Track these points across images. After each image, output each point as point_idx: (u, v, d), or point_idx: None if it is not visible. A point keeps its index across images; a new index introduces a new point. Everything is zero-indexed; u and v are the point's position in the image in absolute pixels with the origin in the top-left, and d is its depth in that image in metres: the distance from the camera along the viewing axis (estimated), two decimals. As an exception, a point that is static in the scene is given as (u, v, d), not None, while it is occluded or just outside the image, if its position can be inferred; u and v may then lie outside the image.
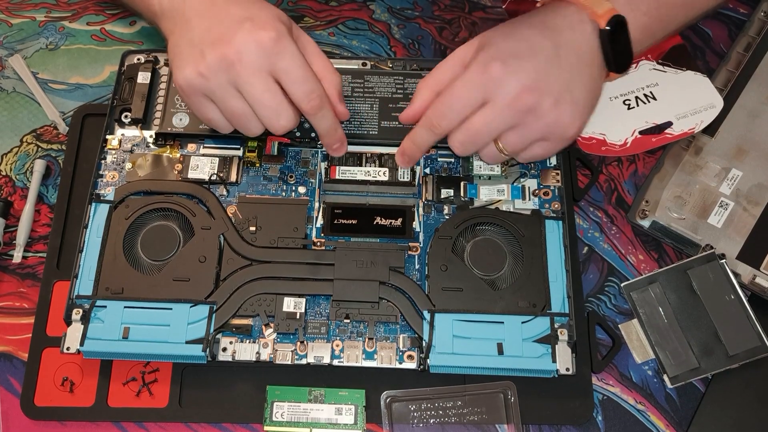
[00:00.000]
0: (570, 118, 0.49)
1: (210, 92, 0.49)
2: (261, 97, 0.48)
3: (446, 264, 0.53)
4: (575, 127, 0.50)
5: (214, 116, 0.51)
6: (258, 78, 0.48)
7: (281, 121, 0.50)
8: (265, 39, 0.47)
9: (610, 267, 0.58)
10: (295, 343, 0.52)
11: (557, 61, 0.49)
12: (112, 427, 0.52)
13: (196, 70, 0.48)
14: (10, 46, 0.66)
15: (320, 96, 0.50)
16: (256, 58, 0.47)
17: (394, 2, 0.69)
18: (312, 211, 0.56)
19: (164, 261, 0.53)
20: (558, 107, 0.49)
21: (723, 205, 0.57)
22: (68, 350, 0.50)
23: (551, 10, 0.52)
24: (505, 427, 0.52)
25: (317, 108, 0.50)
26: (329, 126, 0.53)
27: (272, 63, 0.48)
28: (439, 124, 0.51)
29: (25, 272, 0.57)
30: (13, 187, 0.60)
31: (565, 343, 0.51)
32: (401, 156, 0.55)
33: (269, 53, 0.47)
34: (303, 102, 0.49)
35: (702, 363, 0.52)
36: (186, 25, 0.50)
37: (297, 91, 0.49)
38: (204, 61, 0.48)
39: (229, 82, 0.48)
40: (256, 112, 0.50)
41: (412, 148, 0.54)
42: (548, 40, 0.50)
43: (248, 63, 0.47)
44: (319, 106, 0.50)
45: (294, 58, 0.48)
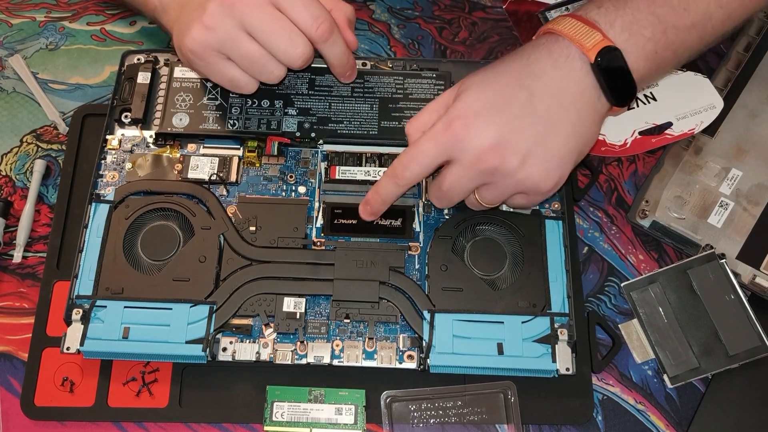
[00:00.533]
0: (541, 175, 0.47)
1: (220, 44, 0.48)
2: (270, 28, 0.47)
3: (446, 264, 0.53)
4: (549, 182, 0.47)
5: (233, 73, 0.49)
6: (261, 10, 0.47)
7: (298, 49, 0.48)
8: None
9: (610, 267, 0.58)
10: (295, 343, 0.52)
11: (530, 113, 0.46)
12: (112, 427, 0.52)
13: (202, 26, 0.47)
14: (10, 46, 0.66)
15: (328, 20, 0.48)
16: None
17: (394, 2, 0.69)
18: (312, 211, 0.56)
19: (164, 261, 0.53)
20: (526, 165, 0.46)
21: (723, 205, 0.57)
22: (68, 350, 0.50)
23: (538, 46, 0.48)
24: (505, 427, 0.52)
25: (327, 33, 0.48)
26: (340, 53, 0.51)
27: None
28: (402, 175, 0.49)
29: (25, 272, 0.57)
30: (13, 187, 0.60)
31: (565, 343, 0.51)
32: (364, 206, 0.52)
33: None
34: (311, 28, 0.48)
35: (702, 363, 0.52)
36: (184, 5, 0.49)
37: (303, 17, 0.48)
38: (206, 13, 0.47)
39: (236, 26, 0.47)
40: (270, 49, 0.48)
41: (376, 199, 0.51)
42: (524, 90, 0.47)
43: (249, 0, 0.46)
44: (329, 30, 0.48)
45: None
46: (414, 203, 0.56)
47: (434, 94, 0.59)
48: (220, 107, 0.58)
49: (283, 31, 0.47)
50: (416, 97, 0.59)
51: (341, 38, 0.50)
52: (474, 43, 0.67)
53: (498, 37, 0.67)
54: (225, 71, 0.50)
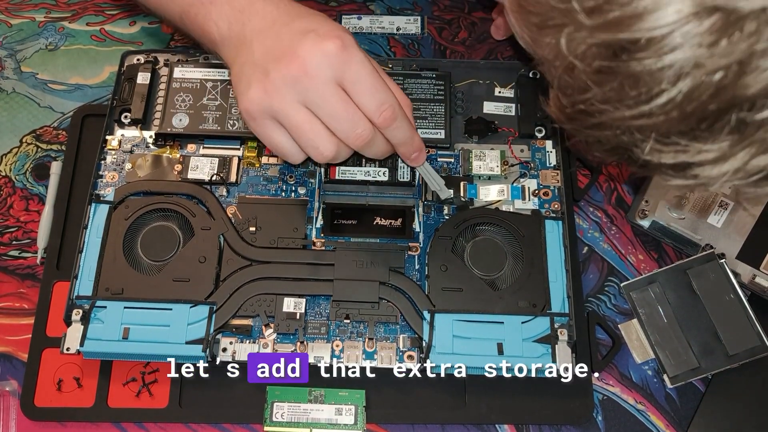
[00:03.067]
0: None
1: (276, 112, 0.46)
2: (332, 110, 0.45)
3: (446, 264, 0.53)
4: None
5: (282, 141, 0.48)
6: (326, 89, 0.45)
7: (357, 130, 0.46)
8: (330, 48, 0.44)
9: (610, 267, 0.58)
10: (295, 344, 0.52)
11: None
12: (112, 428, 0.52)
13: (262, 89, 0.45)
14: (10, 47, 0.66)
15: (393, 106, 0.47)
16: (323, 68, 0.44)
17: (393, 2, 0.69)
18: (312, 212, 0.56)
19: (164, 261, 0.53)
20: None
21: (723, 204, 0.57)
22: (68, 351, 0.50)
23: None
24: (505, 427, 0.52)
25: (390, 119, 0.47)
26: (405, 136, 0.49)
27: (340, 72, 0.45)
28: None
29: (25, 273, 0.57)
30: (12, 187, 0.60)
31: (565, 343, 0.51)
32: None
33: (336, 62, 0.44)
34: (375, 113, 0.46)
35: (702, 363, 0.52)
36: (248, 49, 0.47)
37: (368, 102, 0.46)
38: (268, 78, 0.45)
39: (296, 99, 0.45)
40: (328, 126, 0.46)
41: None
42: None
43: (315, 75, 0.44)
44: (393, 116, 0.47)
45: (363, 65, 0.45)
46: (414, 203, 0.56)
47: (434, 94, 0.59)
48: (220, 107, 0.58)
49: (346, 114, 0.46)
50: (416, 97, 0.59)
51: (406, 121, 0.48)
52: (474, 44, 0.67)
53: (498, 37, 0.67)
54: (275, 137, 0.48)
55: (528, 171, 0.57)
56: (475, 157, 0.57)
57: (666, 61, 0.30)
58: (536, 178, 0.57)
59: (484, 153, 0.57)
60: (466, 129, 0.59)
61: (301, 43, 0.45)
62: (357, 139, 0.47)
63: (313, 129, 0.46)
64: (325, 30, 0.45)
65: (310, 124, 0.46)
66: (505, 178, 0.57)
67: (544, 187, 0.56)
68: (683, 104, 0.31)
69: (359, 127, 0.46)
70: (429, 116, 0.58)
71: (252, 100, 0.46)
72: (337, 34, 0.45)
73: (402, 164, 0.56)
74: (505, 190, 0.56)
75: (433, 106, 0.59)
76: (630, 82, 0.32)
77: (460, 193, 0.56)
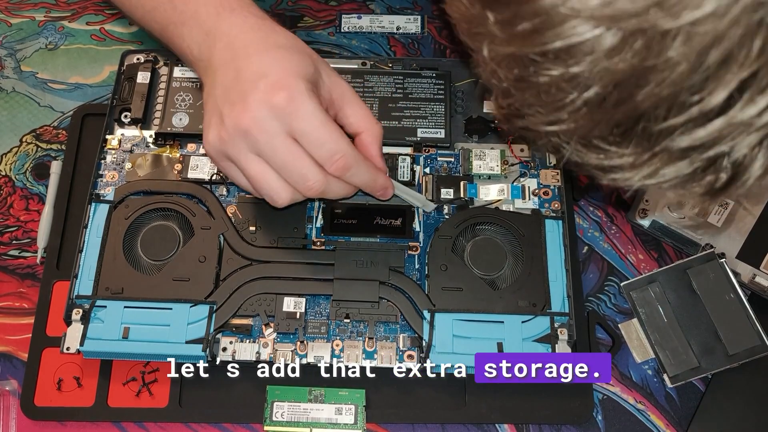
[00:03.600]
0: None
1: (231, 158, 0.47)
2: (282, 161, 0.45)
3: (446, 264, 0.53)
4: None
5: (243, 181, 0.48)
6: (276, 141, 0.45)
7: (308, 182, 0.46)
8: (278, 101, 0.44)
9: (610, 266, 0.58)
10: (295, 343, 0.52)
11: None
12: (112, 427, 0.52)
13: (218, 136, 0.46)
14: (10, 46, 0.66)
15: (345, 155, 0.46)
16: (271, 122, 0.44)
17: (393, 1, 0.69)
18: (312, 211, 0.56)
19: (164, 261, 0.53)
20: None
21: (723, 204, 0.57)
22: (68, 350, 0.50)
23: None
24: (505, 427, 0.52)
25: (343, 168, 0.46)
26: (366, 180, 0.49)
27: (288, 125, 0.45)
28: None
29: (24, 272, 0.57)
30: (12, 187, 0.60)
31: (565, 342, 0.51)
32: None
33: (283, 115, 0.44)
34: (327, 164, 0.46)
35: (702, 362, 0.52)
36: (212, 79, 0.47)
37: (318, 154, 0.46)
38: (223, 126, 0.46)
39: (248, 149, 0.46)
40: (281, 175, 0.46)
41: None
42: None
43: (264, 129, 0.45)
44: (346, 166, 0.46)
45: (310, 118, 0.45)
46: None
47: (434, 94, 0.59)
48: (219, 107, 0.58)
49: (294, 166, 0.46)
50: (416, 97, 0.59)
51: (364, 167, 0.48)
52: (474, 43, 0.66)
53: (498, 36, 0.67)
54: (236, 177, 0.48)
55: (528, 170, 0.57)
56: (475, 157, 0.57)
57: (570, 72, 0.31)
58: (536, 177, 0.57)
59: (484, 152, 0.57)
60: (466, 128, 0.59)
61: (252, 92, 0.45)
62: (308, 190, 0.47)
63: (266, 179, 0.46)
64: (276, 77, 0.45)
65: (263, 174, 0.46)
66: (505, 177, 0.57)
67: (544, 187, 0.56)
68: (591, 113, 0.33)
69: (309, 179, 0.46)
70: (429, 116, 0.58)
71: (210, 144, 0.47)
72: (288, 81, 0.45)
73: (402, 164, 0.56)
74: (505, 189, 0.56)
75: (433, 105, 0.59)
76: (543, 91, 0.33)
77: (460, 192, 0.56)
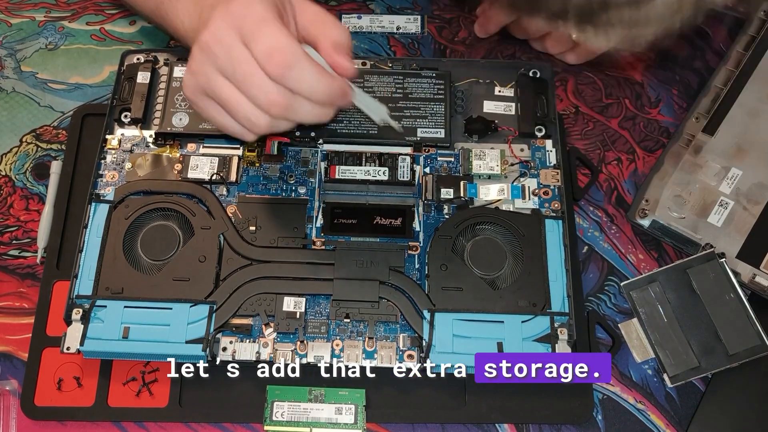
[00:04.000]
0: None
1: (204, 88, 0.46)
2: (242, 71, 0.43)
3: (446, 264, 0.53)
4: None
5: (223, 118, 0.47)
6: (234, 53, 0.43)
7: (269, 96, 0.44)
8: (233, 8, 0.44)
9: (610, 266, 0.58)
10: (295, 343, 0.52)
11: None
12: (112, 427, 0.52)
13: (190, 70, 0.46)
14: (10, 46, 0.66)
15: (282, 50, 0.43)
16: (227, 32, 0.44)
17: (393, 1, 0.69)
18: (312, 211, 0.56)
19: (164, 261, 0.53)
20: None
21: (723, 204, 0.57)
22: (68, 350, 0.50)
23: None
24: (505, 427, 0.52)
25: (282, 66, 0.43)
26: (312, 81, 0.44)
27: (240, 28, 0.43)
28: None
29: (25, 272, 0.57)
30: (12, 187, 0.60)
31: (565, 342, 0.51)
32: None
33: (235, 19, 0.44)
34: (267, 64, 0.43)
35: (702, 362, 0.52)
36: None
37: (259, 54, 0.43)
38: (192, 57, 0.46)
39: (214, 69, 0.45)
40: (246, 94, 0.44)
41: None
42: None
43: (220, 40, 0.44)
44: (283, 63, 0.43)
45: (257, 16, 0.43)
46: (414, 203, 0.56)
47: (434, 94, 0.59)
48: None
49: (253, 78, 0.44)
50: (416, 97, 0.59)
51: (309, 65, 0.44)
52: (474, 43, 0.67)
53: (498, 36, 0.67)
54: (215, 115, 0.47)
55: (528, 170, 0.57)
56: (475, 157, 0.57)
57: None
58: (536, 177, 0.57)
59: (484, 152, 0.57)
60: (466, 128, 0.59)
61: (212, 13, 0.45)
62: (271, 105, 0.44)
63: (238, 100, 0.45)
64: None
65: (234, 96, 0.45)
66: (505, 177, 0.57)
67: (544, 187, 0.56)
68: None
69: (269, 92, 0.43)
70: (429, 115, 0.58)
71: (186, 84, 0.47)
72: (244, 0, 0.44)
73: (402, 164, 0.56)
74: (505, 189, 0.56)
75: (433, 105, 0.59)
76: None
77: (460, 192, 0.56)
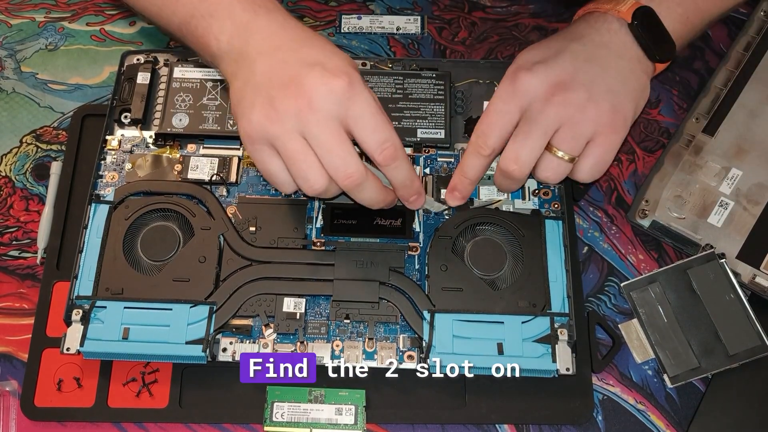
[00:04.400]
0: (611, 105, 0.48)
1: (274, 138, 0.46)
2: (328, 142, 0.45)
3: (446, 264, 0.53)
4: (621, 113, 0.49)
5: (276, 168, 0.47)
6: (327, 124, 0.45)
7: (349, 169, 0.46)
8: (337, 85, 0.45)
9: (610, 267, 0.58)
10: (295, 344, 0.52)
11: (585, 57, 0.49)
12: (112, 428, 0.52)
13: (264, 115, 0.45)
14: (10, 47, 0.66)
15: (395, 145, 0.47)
16: (328, 104, 0.45)
17: (393, 2, 0.69)
18: (312, 212, 0.56)
19: (164, 261, 0.53)
20: (593, 96, 0.48)
21: (723, 204, 0.57)
22: (68, 351, 0.50)
23: (577, 21, 0.53)
24: (505, 427, 0.52)
25: (391, 158, 0.47)
26: (405, 178, 0.50)
27: (345, 109, 0.45)
28: (485, 144, 0.50)
29: (24, 273, 0.57)
30: (12, 187, 0.60)
31: (565, 342, 0.51)
32: (451, 194, 0.54)
33: (342, 99, 0.45)
34: (376, 150, 0.47)
35: (702, 362, 0.52)
36: (250, 68, 0.47)
37: (370, 139, 0.46)
38: (272, 105, 0.45)
39: (296, 129, 0.45)
40: (321, 160, 0.46)
41: (463, 181, 0.53)
42: (575, 42, 0.50)
43: (319, 109, 0.45)
44: (394, 155, 0.47)
45: (368, 104, 0.46)
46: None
47: (434, 94, 0.59)
48: (220, 107, 0.58)
49: (340, 150, 0.46)
50: (416, 97, 0.59)
51: (407, 163, 0.49)
52: (474, 43, 0.67)
53: (497, 37, 0.67)
54: (269, 163, 0.47)
55: (528, 171, 0.57)
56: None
57: None
58: (536, 177, 0.57)
59: (484, 153, 0.57)
60: (467, 129, 0.59)
61: (308, 75, 0.45)
62: (347, 178, 0.47)
63: (307, 160, 0.46)
64: (334, 65, 0.46)
65: (305, 154, 0.46)
66: (505, 177, 0.57)
67: (544, 187, 0.56)
68: None
69: (351, 167, 0.46)
70: (429, 116, 0.58)
71: (253, 124, 0.46)
72: (346, 71, 0.46)
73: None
74: (505, 189, 0.56)
75: (433, 105, 0.59)
76: None
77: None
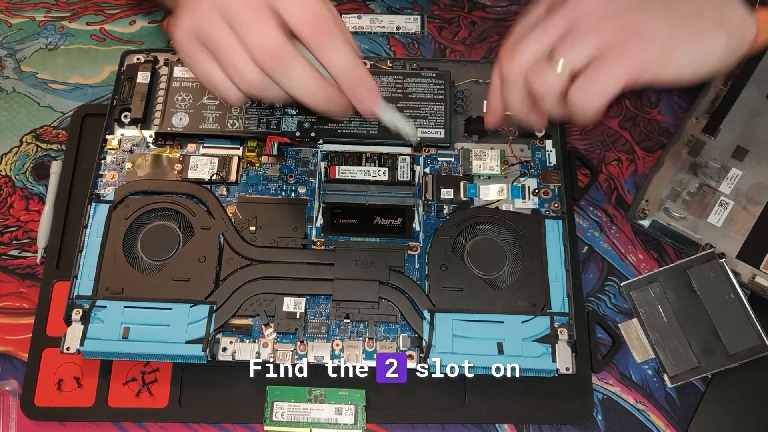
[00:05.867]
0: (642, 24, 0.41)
1: (200, 32, 0.42)
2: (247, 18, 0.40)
3: (446, 264, 0.53)
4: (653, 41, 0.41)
5: (210, 69, 0.43)
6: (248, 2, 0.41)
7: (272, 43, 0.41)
8: None
9: (610, 266, 0.58)
10: (295, 343, 0.52)
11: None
12: (112, 427, 0.52)
13: (189, 12, 0.43)
14: (10, 46, 0.66)
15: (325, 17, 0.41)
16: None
17: (393, 1, 0.69)
18: (312, 211, 0.56)
19: (164, 261, 0.53)
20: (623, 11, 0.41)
21: (723, 204, 0.57)
22: (68, 350, 0.50)
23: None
24: (505, 427, 0.52)
25: (318, 31, 0.41)
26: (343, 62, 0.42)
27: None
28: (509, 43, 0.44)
29: (25, 272, 0.57)
30: (12, 187, 0.60)
31: (565, 342, 0.51)
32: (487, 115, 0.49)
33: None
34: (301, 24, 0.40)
35: (702, 362, 0.52)
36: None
37: (294, 11, 0.40)
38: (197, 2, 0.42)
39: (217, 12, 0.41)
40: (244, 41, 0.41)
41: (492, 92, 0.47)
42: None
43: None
44: (321, 28, 0.41)
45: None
46: (414, 203, 0.56)
47: (434, 94, 0.59)
48: (220, 107, 0.58)
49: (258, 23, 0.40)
50: (416, 97, 0.59)
51: (345, 45, 0.42)
52: (474, 43, 0.67)
53: (498, 36, 0.67)
54: (203, 65, 0.44)
55: (528, 170, 0.57)
56: (475, 157, 0.57)
57: None
58: (536, 177, 0.57)
59: (484, 152, 0.57)
60: (466, 128, 0.59)
61: None
62: (267, 53, 0.41)
63: (231, 44, 0.42)
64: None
65: (227, 38, 0.42)
66: (505, 177, 0.57)
67: (544, 187, 0.56)
68: None
69: (271, 38, 0.40)
70: (429, 115, 0.58)
71: (181, 26, 0.43)
72: None
73: (402, 164, 0.56)
74: (505, 189, 0.56)
75: (433, 105, 0.59)
76: None
77: (460, 192, 0.56)
